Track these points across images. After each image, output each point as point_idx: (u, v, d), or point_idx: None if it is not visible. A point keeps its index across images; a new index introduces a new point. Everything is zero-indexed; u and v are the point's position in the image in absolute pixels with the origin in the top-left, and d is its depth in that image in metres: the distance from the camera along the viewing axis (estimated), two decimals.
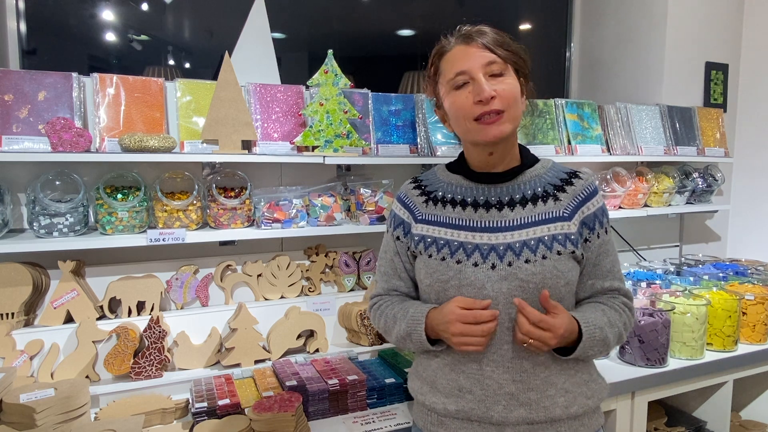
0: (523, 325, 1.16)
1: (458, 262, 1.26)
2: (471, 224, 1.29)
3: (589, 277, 1.32)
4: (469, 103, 1.21)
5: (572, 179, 1.31)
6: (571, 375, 1.27)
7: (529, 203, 1.28)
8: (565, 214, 1.26)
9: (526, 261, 1.22)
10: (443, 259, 1.28)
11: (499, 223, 1.27)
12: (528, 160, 1.34)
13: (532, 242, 1.23)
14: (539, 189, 1.29)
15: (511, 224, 1.26)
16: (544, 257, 1.22)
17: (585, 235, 1.28)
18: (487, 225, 1.27)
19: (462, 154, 1.38)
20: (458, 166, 1.38)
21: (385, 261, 1.45)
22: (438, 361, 1.32)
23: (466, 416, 1.26)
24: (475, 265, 1.24)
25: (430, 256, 1.30)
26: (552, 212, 1.26)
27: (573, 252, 1.24)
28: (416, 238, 1.35)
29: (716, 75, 3.05)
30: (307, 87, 2.08)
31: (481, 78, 1.20)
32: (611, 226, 1.37)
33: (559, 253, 1.23)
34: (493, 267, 1.23)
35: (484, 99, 1.19)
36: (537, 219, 1.26)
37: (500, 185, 1.31)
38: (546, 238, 1.23)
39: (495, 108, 1.20)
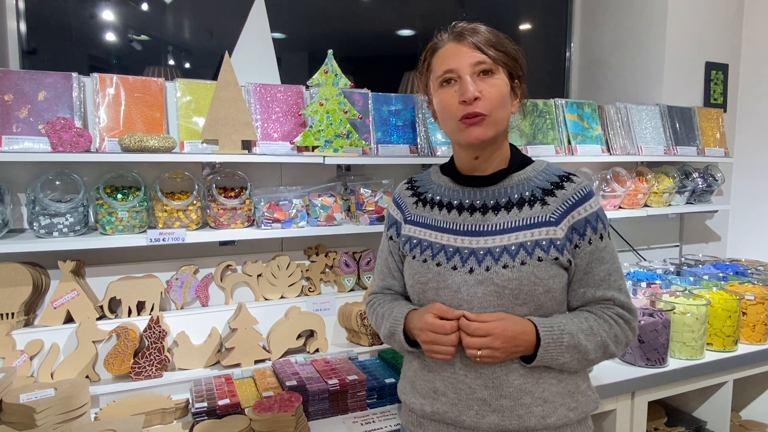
0: (464, 338, 1.18)
1: (438, 264, 1.26)
2: (454, 227, 1.28)
3: (580, 285, 1.26)
4: (455, 102, 1.20)
5: (564, 183, 1.25)
6: (551, 384, 1.22)
7: (515, 208, 1.24)
8: (551, 219, 1.22)
9: (504, 266, 1.19)
10: (425, 261, 1.28)
11: (481, 227, 1.25)
12: (516, 163, 1.30)
13: (513, 247, 1.20)
14: (526, 193, 1.25)
15: (493, 229, 1.24)
16: (523, 263, 1.19)
17: (575, 241, 1.22)
18: (469, 229, 1.26)
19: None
20: (448, 168, 1.37)
21: (381, 260, 1.46)
22: (419, 362, 1.32)
23: (441, 419, 1.26)
24: (454, 268, 1.23)
25: (414, 257, 1.31)
26: (538, 217, 1.22)
27: (557, 258, 1.20)
28: (403, 239, 1.36)
29: (716, 75, 3.05)
30: (307, 87, 2.08)
31: (467, 78, 1.18)
32: (613, 232, 1.32)
33: (540, 259, 1.19)
34: (471, 271, 1.21)
35: (467, 99, 1.17)
36: (521, 224, 1.23)
37: (486, 189, 1.28)
38: (528, 243, 1.20)
39: (478, 110, 1.18)
